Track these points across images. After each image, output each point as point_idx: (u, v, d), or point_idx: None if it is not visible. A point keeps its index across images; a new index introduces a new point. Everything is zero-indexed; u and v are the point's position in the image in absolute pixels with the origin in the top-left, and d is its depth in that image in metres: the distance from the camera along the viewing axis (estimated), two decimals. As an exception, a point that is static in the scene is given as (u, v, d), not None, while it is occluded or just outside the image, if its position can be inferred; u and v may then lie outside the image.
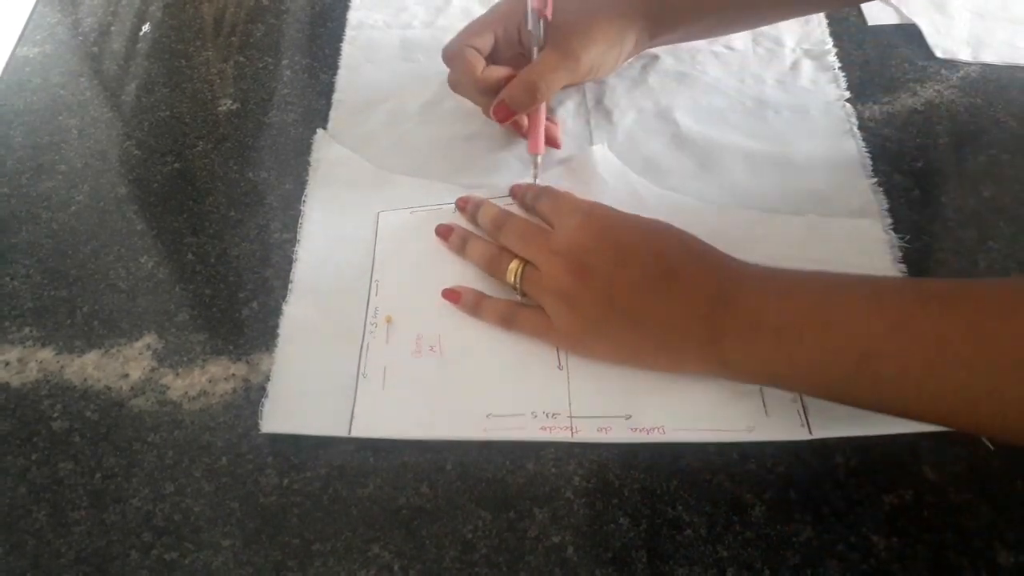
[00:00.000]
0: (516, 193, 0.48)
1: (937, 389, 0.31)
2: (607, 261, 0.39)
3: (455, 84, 0.49)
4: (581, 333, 0.40)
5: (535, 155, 0.48)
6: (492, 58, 0.49)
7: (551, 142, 0.50)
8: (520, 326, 0.42)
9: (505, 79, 0.47)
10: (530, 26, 0.46)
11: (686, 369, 0.39)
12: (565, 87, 0.50)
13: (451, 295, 0.44)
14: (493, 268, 0.44)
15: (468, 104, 0.52)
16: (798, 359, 0.35)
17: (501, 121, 0.48)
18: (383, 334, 0.43)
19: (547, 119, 0.50)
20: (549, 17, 0.46)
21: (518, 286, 0.42)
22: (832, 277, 0.36)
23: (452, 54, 0.48)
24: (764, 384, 0.38)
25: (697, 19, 0.50)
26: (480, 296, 0.43)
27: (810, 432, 0.38)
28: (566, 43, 0.47)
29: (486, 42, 0.48)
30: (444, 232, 0.46)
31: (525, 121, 0.50)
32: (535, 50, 0.47)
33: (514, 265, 0.42)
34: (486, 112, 0.49)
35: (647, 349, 0.39)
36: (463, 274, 0.45)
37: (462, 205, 0.47)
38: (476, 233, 0.46)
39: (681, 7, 0.49)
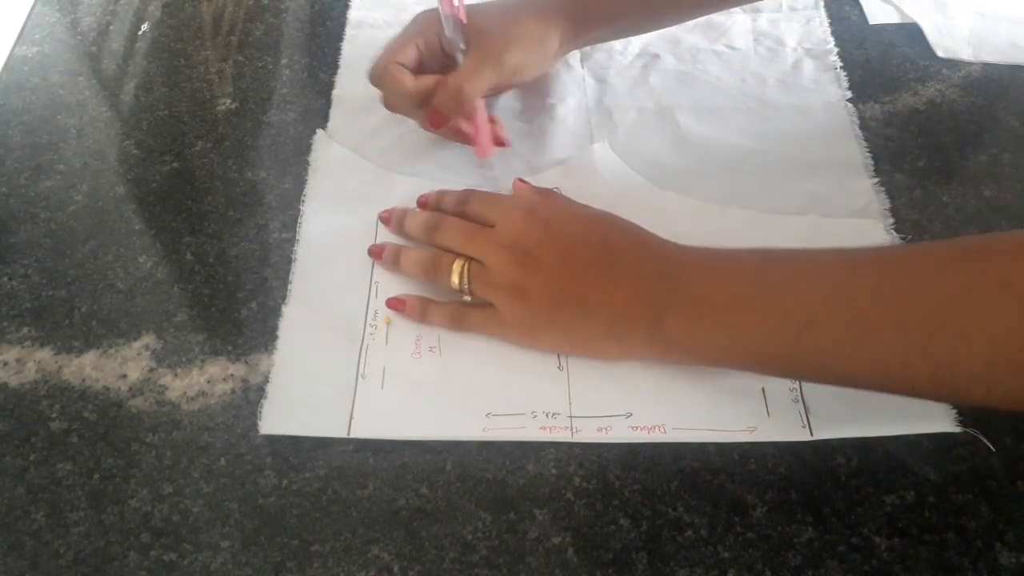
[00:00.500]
0: (430, 202, 0.47)
1: (874, 354, 0.32)
2: (554, 251, 0.40)
3: (389, 103, 0.49)
4: (532, 324, 0.40)
5: (486, 159, 0.49)
6: (420, 71, 0.48)
7: (498, 142, 0.50)
8: (471, 325, 0.42)
9: (435, 88, 0.47)
10: (448, 32, 0.46)
11: (634, 354, 0.39)
12: (498, 92, 0.52)
13: (396, 304, 0.43)
14: (434, 273, 0.43)
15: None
16: (740, 333, 0.35)
17: (436, 127, 0.48)
18: (382, 336, 0.43)
19: (489, 120, 0.50)
20: (463, 20, 0.46)
21: (466, 286, 0.41)
22: (771, 252, 0.37)
23: (379, 74, 0.48)
24: (710, 364, 0.38)
25: (619, 17, 0.50)
26: (426, 301, 0.43)
27: (811, 433, 0.38)
28: (488, 45, 0.47)
29: (410, 56, 0.48)
30: (376, 252, 0.45)
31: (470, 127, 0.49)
32: (458, 55, 0.47)
33: (458, 265, 0.41)
34: (423, 125, 0.49)
35: (596, 336, 0.39)
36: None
37: (385, 219, 0.47)
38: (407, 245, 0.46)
39: (602, 5, 0.49)
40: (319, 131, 0.53)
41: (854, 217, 0.47)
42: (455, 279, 0.41)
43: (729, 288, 0.36)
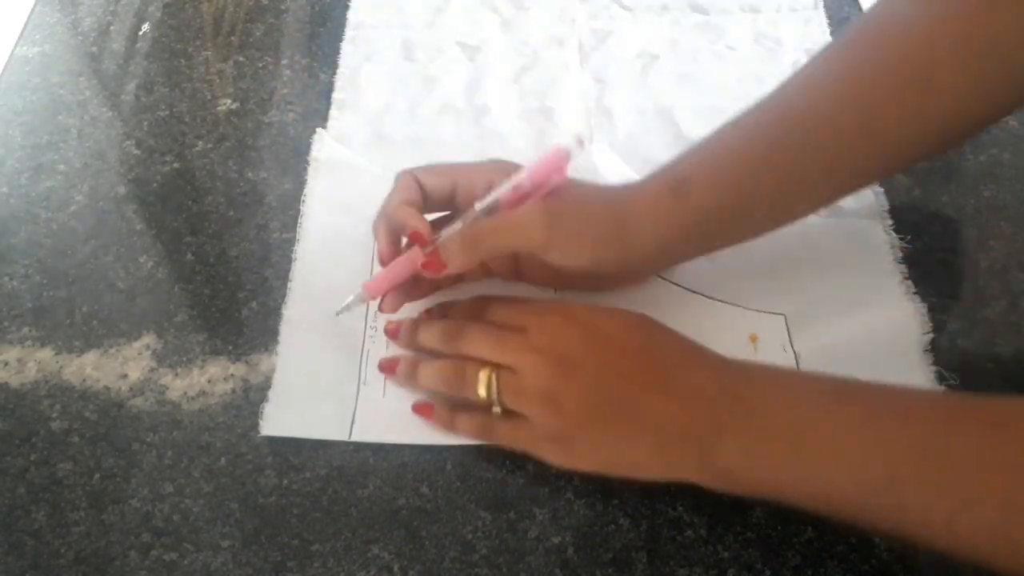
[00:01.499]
0: (440, 308, 0.43)
1: (972, 524, 0.28)
2: (595, 355, 0.35)
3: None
4: (570, 440, 0.36)
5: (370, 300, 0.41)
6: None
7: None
8: (500, 438, 0.38)
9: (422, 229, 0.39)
10: (479, 207, 0.39)
11: (682, 477, 0.34)
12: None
13: (423, 410, 0.39)
14: (457, 385, 0.38)
15: (467, 103, 0.53)
16: (811, 470, 0.31)
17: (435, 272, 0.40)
18: (383, 339, 0.43)
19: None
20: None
21: (495, 396, 0.37)
22: (846, 382, 0.33)
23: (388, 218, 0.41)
24: (770, 498, 0.33)
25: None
26: (453, 411, 0.39)
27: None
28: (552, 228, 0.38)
29: (438, 184, 0.41)
30: (388, 366, 0.41)
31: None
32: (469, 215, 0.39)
33: (485, 374, 0.37)
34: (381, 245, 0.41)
35: (641, 458, 0.35)
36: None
37: (392, 332, 0.42)
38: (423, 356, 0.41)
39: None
40: (319, 131, 0.53)
41: (854, 217, 0.47)
42: (482, 390, 0.37)
43: (804, 414, 0.32)
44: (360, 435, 0.39)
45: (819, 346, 0.41)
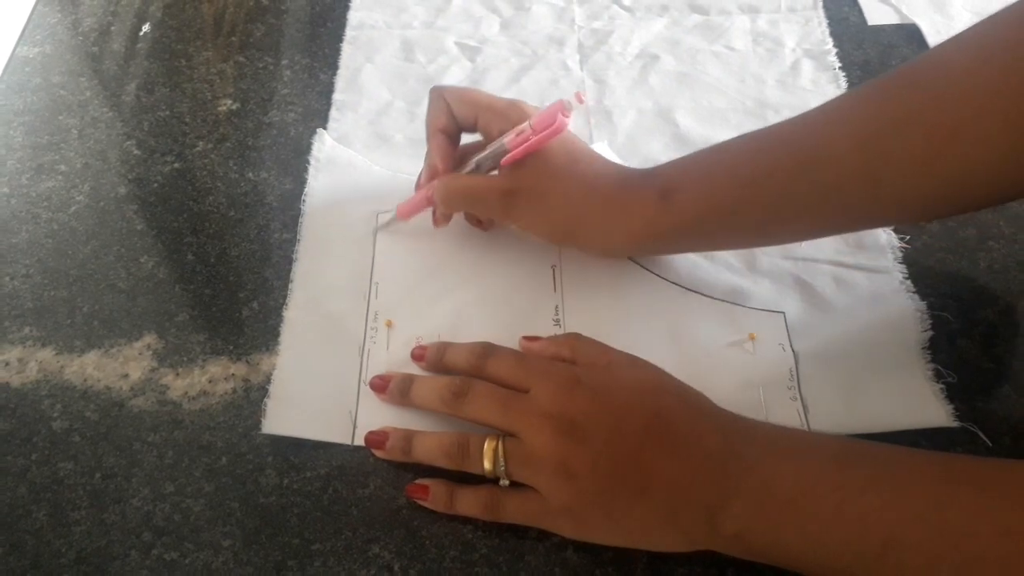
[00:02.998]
0: (430, 356, 0.41)
1: None
2: (604, 422, 0.34)
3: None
4: (582, 509, 0.34)
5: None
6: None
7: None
8: (509, 514, 0.36)
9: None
10: (485, 153, 0.42)
11: (697, 545, 0.34)
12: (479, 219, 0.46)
13: (418, 492, 0.37)
14: (460, 458, 0.36)
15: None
16: (813, 535, 0.31)
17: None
18: (383, 340, 0.43)
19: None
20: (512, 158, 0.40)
21: (501, 469, 0.35)
22: (850, 445, 0.33)
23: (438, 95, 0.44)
24: (778, 564, 0.32)
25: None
26: (451, 487, 0.37)
27: (809, 429, 0.38)
28: (537, 201, 0.41)
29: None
30: (375, 441, 0.38)
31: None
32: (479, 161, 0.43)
33: (490, 447, 0.35)
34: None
35: (655, 524, 0.34)
36: (463, 273, 0.45)
37: (378, 387, 0.40)
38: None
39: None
40: (319, 131, 0.53)
41: (853, 217, 0.47)
42: (487, 464, 0.35)
43: (807, 481, 0.31)
44: (362, 439, 0.39)
45: (818, 345, 0.41)
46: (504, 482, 0.36)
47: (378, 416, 0.40)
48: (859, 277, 0.44)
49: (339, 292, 0.45)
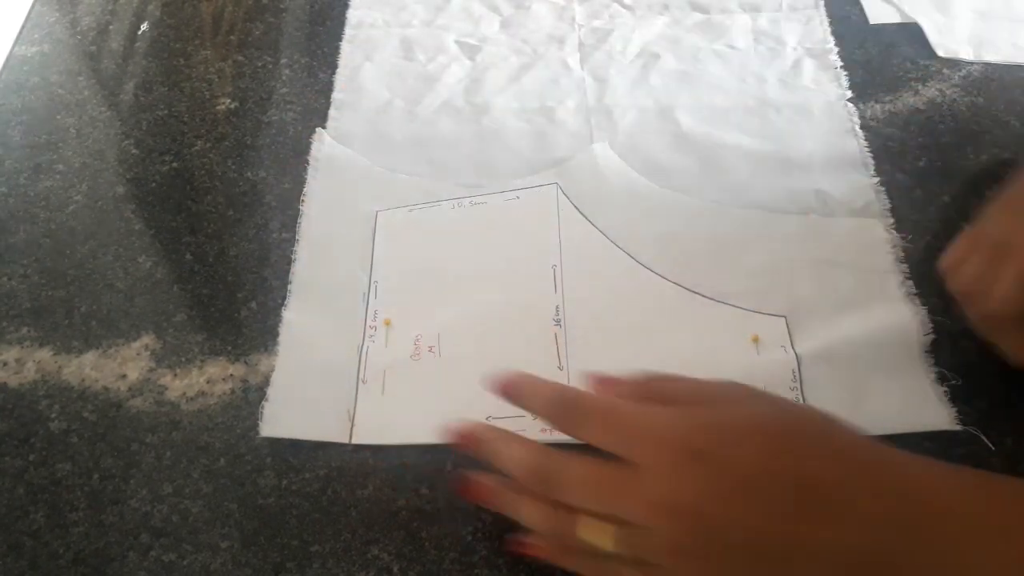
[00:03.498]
0: (515, 395, 0.35)
1: None
2: (736, 502, 0.28)
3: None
4: None
5: None
6: None
7: None
8: None
9: None
10: None
11: None
12: None
13: (528, 549, 0.33)
14: (566, 537, 0.31)
15: (467, 103, 0.52)
16: None
17: None
18: (382, 338, 0.43)
19: None
20: None
21: (623, 552, 0.30)
22: None
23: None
24: None
25: None
26: (565, 546, 0.32)
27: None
28: None
29: None
30: (472, 490, 0.34)
31: None
32: None
33: (608, 534, 0.30)
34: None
35: None
36: (463, 272, 0.45)
37: (464, 440, 0.35)
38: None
39: None
40: (319, 131, 0.53)
41: (854, 216, 0.46)
42: (601, 541, 0.30)
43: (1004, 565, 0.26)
44: (360, 438, 0.39)
45: (820, 347, 0.41)
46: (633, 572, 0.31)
47: (378, 415, 0.40)
48: (859, 277, 0.44)
49: (338, 292, 0.45)
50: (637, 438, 0.30)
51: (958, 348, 0.41)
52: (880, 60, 0.56)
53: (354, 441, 0.39)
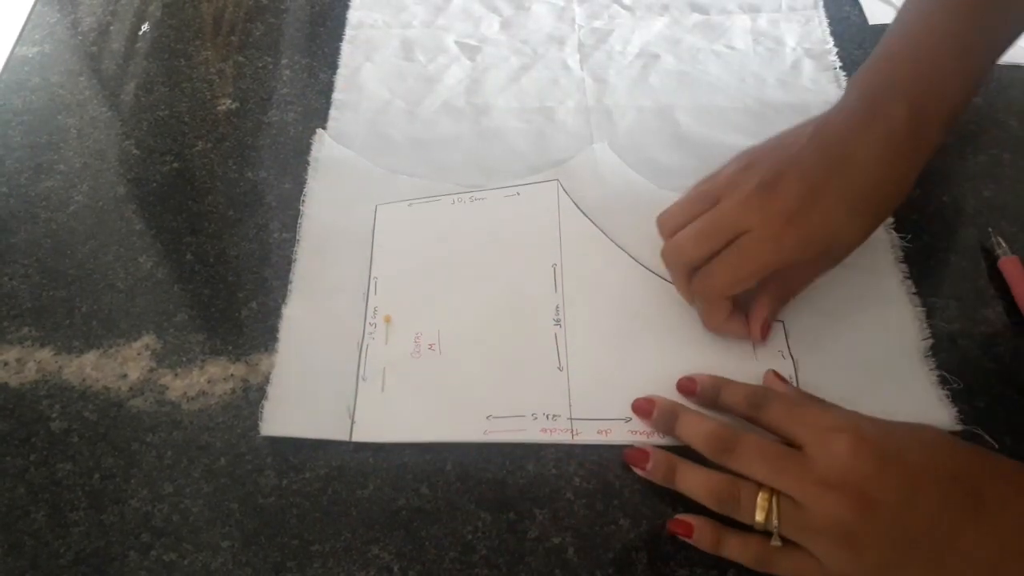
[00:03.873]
0: (702, 390, 0.39)
1: None
2: (897, 490, 0.31)
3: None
4: None
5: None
6: None
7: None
8: (780, 571, 0.34)
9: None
10: None
11: None
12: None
13: (681, 527, 0.35)
14: (729, 505, 0.34)
15: (467, 103, 0.53)
16: None
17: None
18: (382, 335, 0.43)
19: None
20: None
21: (774, 526, 0.33)
22: None
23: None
24: None
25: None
26: (718, 529, 0.35)
27: None
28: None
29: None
30: (637, 458, 0.37)
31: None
32: None
33: (764, 500, 0.33)
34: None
35: None
36: (463, 271, 0.45)
37: (643, 411, 0.39)
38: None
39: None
40: (319, 131, 0.53)
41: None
42: (759, 517, 0.33)
43: None
44: (360, 435, 0.39)
45: (818, 350, 0.41)
46: (776, 542, 0.33)
47: (378, 413, 0.40)
48: (859, 277, 0.44)
49: (338, 292, 0.45)
50: (813, 427, 0.34)
51: (957, 347, 0.41)
52: (880, 60, 0.56)
53: (354, 439, 0.39)
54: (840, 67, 0.55)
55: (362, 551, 0.36)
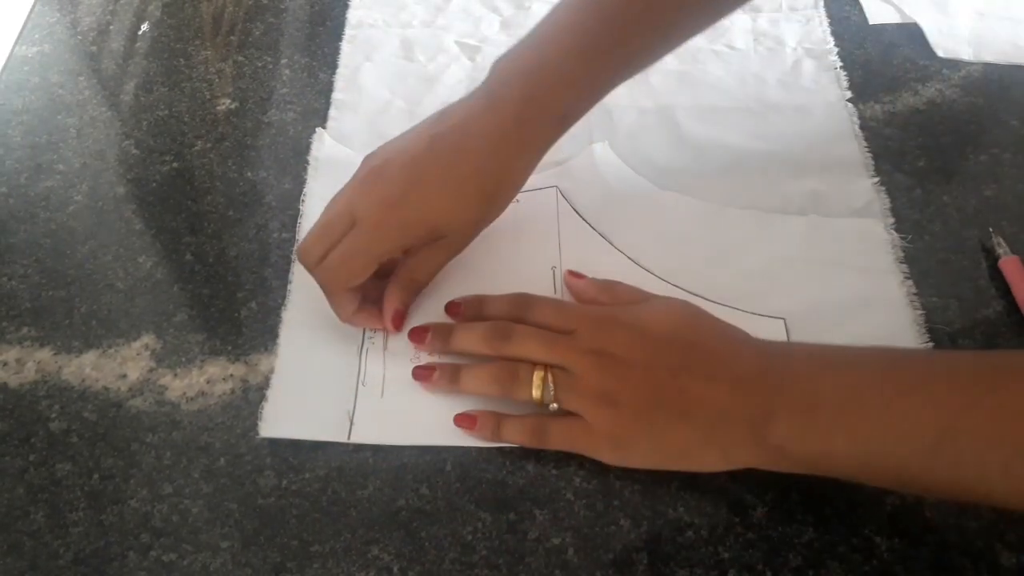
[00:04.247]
0: (467, 310, 0.42)
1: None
2: (644, 353, 0.37)
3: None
4: (626, 434, 0.36)
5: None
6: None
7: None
8: (553, 439, 0.38)
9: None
10: None
11: (737, 463, 0.35)
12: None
13: (465, 421, 0.39)
14: (511, 385, 0.38)
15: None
16: (862, 438, 0.32)
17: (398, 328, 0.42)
18: (381, 340, 0.43)
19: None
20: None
21: (550, 395, 0.37)
22: (896, 351, 0.34)
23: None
24: (824, 473, 0.34)
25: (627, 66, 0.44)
26: (498, 416, 0.38)
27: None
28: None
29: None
30: (423, 374, 0.40)
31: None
32: None
33: (539, 375, 0.37)
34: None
35: (694, 444, 0.36)
36: (462, 273, 0.45)
37: (417, 339, 0.41)
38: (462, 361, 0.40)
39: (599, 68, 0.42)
40: (318, 131, 0.53)
41: (854, 217, 0.46)
42: (536, 391, 0.37)
43: (849, 385, 0.33)
44: (359, 437, 0.39)
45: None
46: (553, 406, 0.37)
47: (377, 418, 0.40)
48: (859, 277, 0.44)
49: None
50: (576, 316, 0.39)
51: (957, 346, 0.41)
52: (880, 60, 0.56)
53: (352, 440, 0.39)
54: (841, 67, 0.55)
55: (362, 552, 0.36)
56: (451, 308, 0.42)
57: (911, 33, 0.57)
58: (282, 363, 0.42)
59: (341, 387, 0.41)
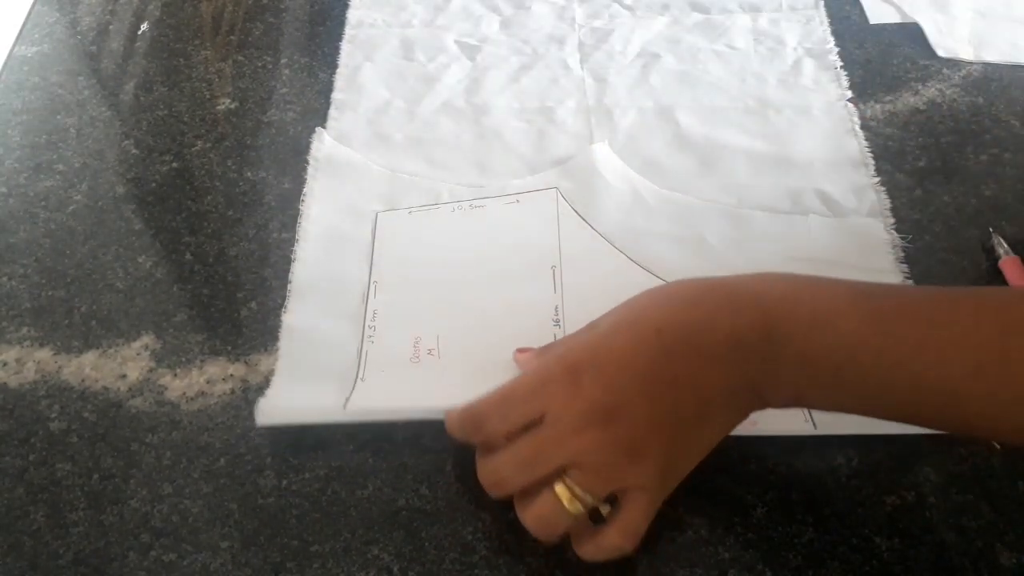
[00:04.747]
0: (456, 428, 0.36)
1: None
2: (614, 387, 0.33)
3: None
4: (660, 462, 0.33)
5: None
6: None
7: None
8: (631, 527, 0.33)
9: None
10: None
11: (754, 409, 0.34)
12: None
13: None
14: (554, 521, 0.34)
15: (467, 103, 0.52)
16: (887, 379, 0.31)
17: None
18: (381, 340, 0.43)
19: None
20: None
21: (588, 498, 0.33)
22: (875, 290, 0.34)
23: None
24: (846, 412, 0.33)
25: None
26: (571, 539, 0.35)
27: (815, 428, 0.38)
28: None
29: None
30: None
31: None
32: None
33: (560, 489, 0.33)
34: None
35: (715, 430, 0.34)
36: (463, 273, 0.45)
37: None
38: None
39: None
40: (318, 130, 0.53)
41: (854, 216, 0.46)
42: (570, 506, 0.33)
43: (846, 344, 0.31)
44: (353, 412, 0.39)
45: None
46: (604, 507, 0.33)
47: (372, 401, 0.40)
48: (859, 277, 0.43)
49: (338, 292, 0.45)
50: (532, 394, 0.34)
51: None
52: (880, 60, 0.56)
53: (347, 411, 0.39)
54: (841, 67, 0.55)
55: (362, 551, 0.36)
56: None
57: (911, 33, 0.57)
58: (282, 362, 0.42)
59: (340, 384, 0.41)
